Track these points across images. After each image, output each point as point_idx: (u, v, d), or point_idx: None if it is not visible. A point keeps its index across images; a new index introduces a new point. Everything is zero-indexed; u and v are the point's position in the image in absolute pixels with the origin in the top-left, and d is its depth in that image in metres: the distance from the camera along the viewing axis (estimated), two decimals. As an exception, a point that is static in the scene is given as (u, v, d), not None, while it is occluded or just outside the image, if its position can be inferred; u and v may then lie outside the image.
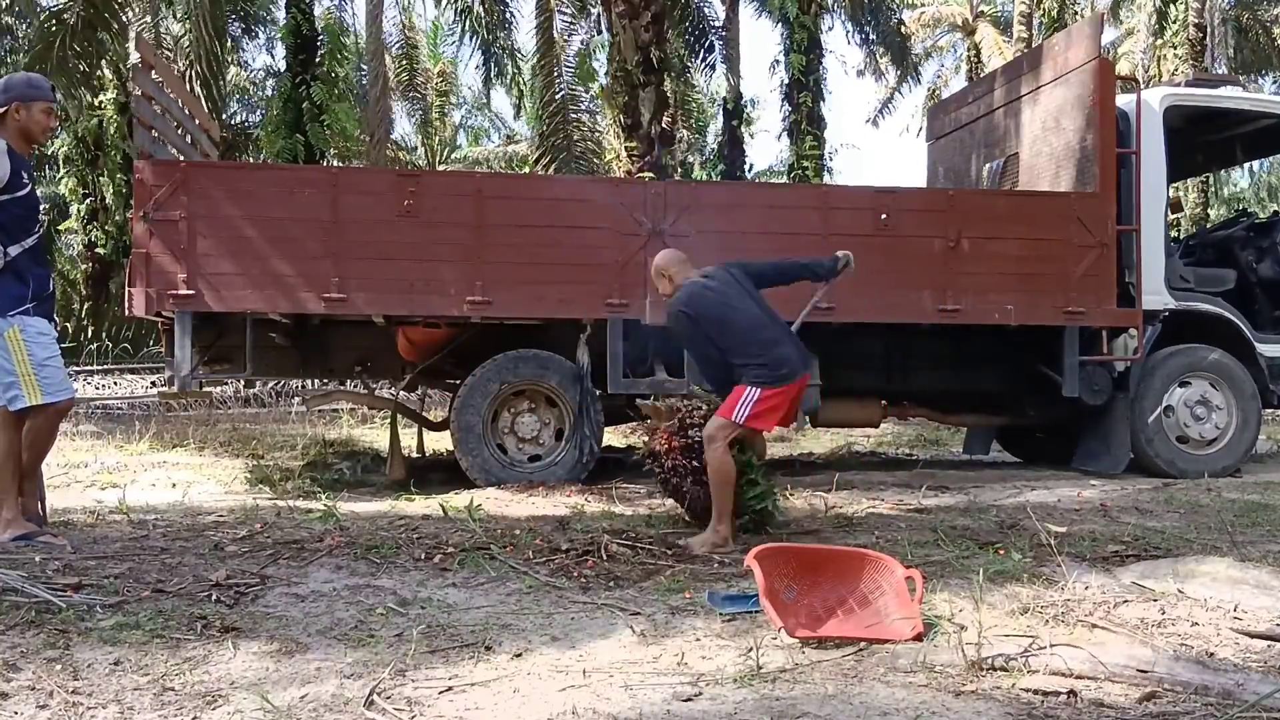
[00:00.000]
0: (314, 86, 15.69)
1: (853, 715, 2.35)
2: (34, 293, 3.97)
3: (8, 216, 3.93)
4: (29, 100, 3.98)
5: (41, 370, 3.89)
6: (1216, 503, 5.59)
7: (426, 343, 6.53)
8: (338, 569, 3.76)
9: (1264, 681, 2.59)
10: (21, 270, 3.96)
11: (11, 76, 4.14)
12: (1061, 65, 7.14)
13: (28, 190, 3.99)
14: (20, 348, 3.87)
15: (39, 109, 4.01)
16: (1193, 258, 7.86)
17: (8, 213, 3.93)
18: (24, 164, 4.00)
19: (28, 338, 3.90)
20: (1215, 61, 22.18)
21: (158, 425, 9.27)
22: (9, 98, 3.96)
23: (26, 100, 3.97)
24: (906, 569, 3.22)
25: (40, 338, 3.94)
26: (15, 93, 3.97)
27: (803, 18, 15.55)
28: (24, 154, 4.04)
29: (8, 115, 3.96)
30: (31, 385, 3.88)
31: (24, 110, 3.97)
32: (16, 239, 3.94)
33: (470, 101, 31.25)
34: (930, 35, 29.86)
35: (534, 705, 2.42)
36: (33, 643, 2.81)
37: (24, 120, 3.98)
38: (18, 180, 3.93)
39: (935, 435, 9.97)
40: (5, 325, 3.90)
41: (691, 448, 4.51)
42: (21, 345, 3.88)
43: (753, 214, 6.51)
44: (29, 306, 3.95)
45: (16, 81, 4.04)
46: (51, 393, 3.93)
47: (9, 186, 3.90)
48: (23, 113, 3.97)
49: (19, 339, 3.88)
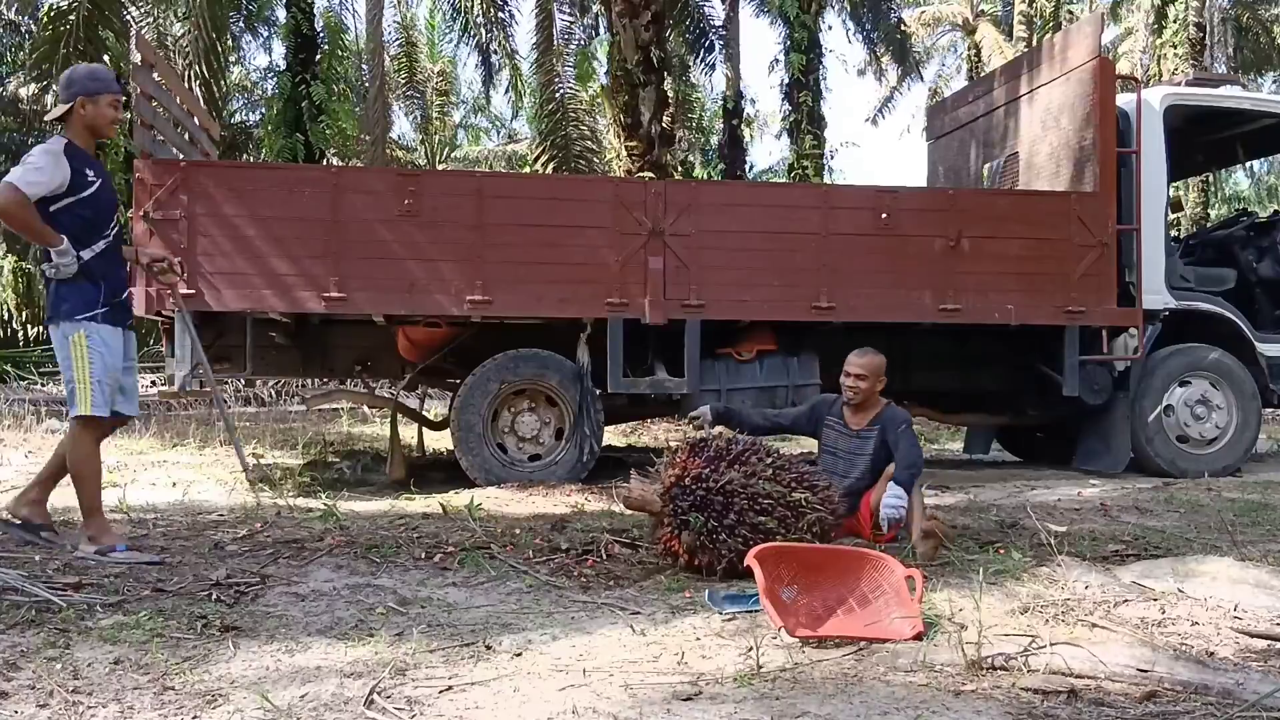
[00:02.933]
0: (314, 86, 15.70)
1: (853, 715, 2.35)
2: (105, 298, 3.80)
3: (74, 220, 3.75)
4: (94, 94, 3.80)
5: (96, 383, 3.75)
6: (1216, 502, 5.59)
7: (427, 342, 6.52)
8: (338, 568, 3.76)
9: (1264, 681, 2.59)
10: (94, 274, 3.78)
11: (74, 70, 3.94)
12: (1062, 64, 7.14)
13: (94, 189, 3.80)
14: (83, 355, 3.73)
15: (105, 101, 3.82)
16: (1193, 257, 7.86)
17: (74, 215, 3.75)
18: (89, 162, 3.83)
19: (91, 345, 3.74)
20: (1215, 61, 22.19)
21: (158, 424, 9.27)
22: (73, 93, 3.79)
23: (92, 94, 3.79)
24: (906, 568, 3.22)
25: (103, 348, 3.78)
26: (79, 87, 3.80)
27: (803, 17, 15.56)
28: (88, 149, 3.86)
29: (73, 111, 3.79)
30: (85, 395, 3.74)
31: (90, 104, 3.80)
32: (87, 242, 3.77)
33: (470, 101, 31.26)
34: (931, 34, 29.85)
35: (534, 704, 2.42)
36: (33, 642, 2.81)
37: (90, 114, 3.81)
38: (82, 180, 3.75)
39: (935, 435, 9.97)
40: (71, 329, 3.76)
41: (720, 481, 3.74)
42: (85, 353, 3.72)
43: (753, 213, 6.51)
44: (99, 312, 3.79)
45: (79, 75, 3.86)
46: (96, 406, 3.76)
47: (72, 188, 3.72)
48: (89, 107, 3.80)
49: (83, 345, 3.73)
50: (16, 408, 9.64)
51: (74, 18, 12.60)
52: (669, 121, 13.72)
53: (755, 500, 3.66)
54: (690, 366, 6.37)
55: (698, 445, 3.93)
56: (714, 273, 6.34)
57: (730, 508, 3.65)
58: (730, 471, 3.73)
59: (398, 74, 24.56)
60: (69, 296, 3.76)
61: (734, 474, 3.72)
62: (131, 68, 6.21)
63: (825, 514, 3.77)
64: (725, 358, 6.60)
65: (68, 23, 12.64)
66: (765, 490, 3.68)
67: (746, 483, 3.69)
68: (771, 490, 3.69)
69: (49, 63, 12.67)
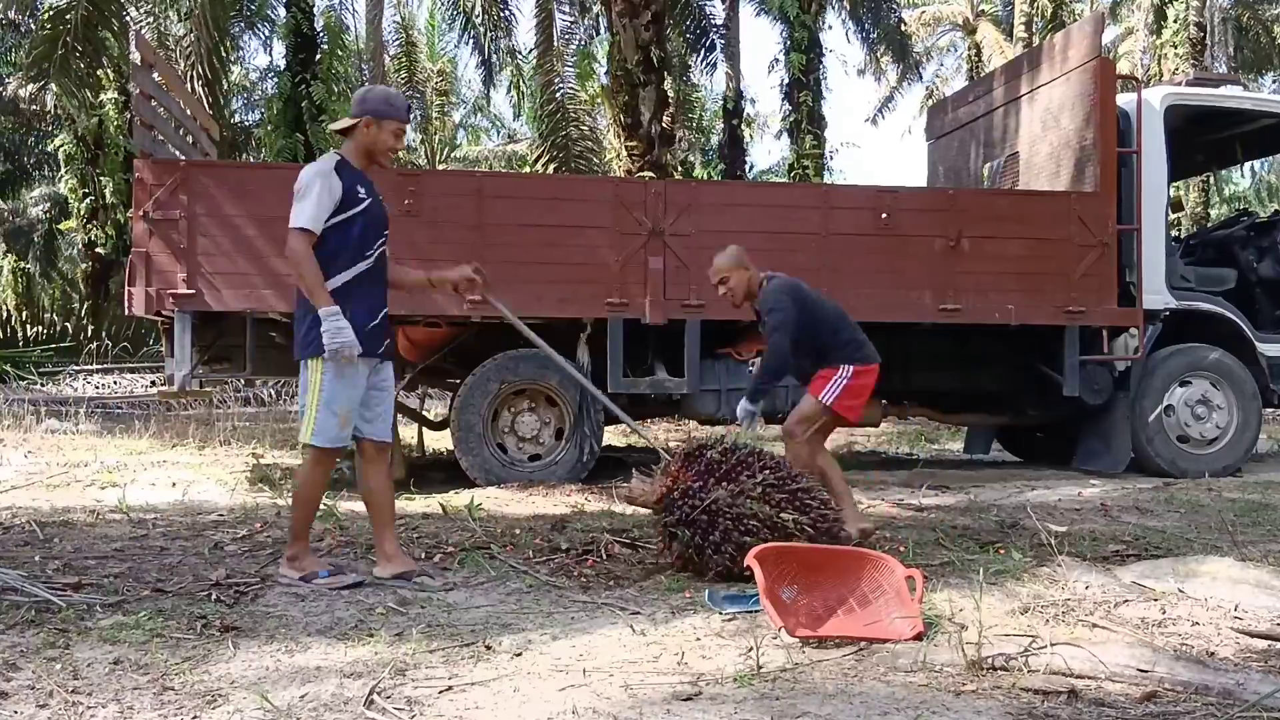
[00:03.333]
0: (314, 86, 15.69)
1: (853, 715, 2.35)
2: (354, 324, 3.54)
3: (340, 238, 3.58)
4: (382, 117, 3.64)
5: (326, 410, 3.56)
6: (1217, 502, 5.59)
7: (427, 342, 6.52)
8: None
9: (1264, 681, 2.59)
10: (349, 299, 3.57)
11: (370, 90, 3.85)
12: (1062, 64, 7.13)
13: (364, 205, 3.63)
14: (316, 381, 3.56)
15: (390, 128, 3.66)
16: (1193, 257, 7.86)
17: (341, 234, 3.58)
18: (361, 179, 3.67)
19: (326, 373, 3.54)
20: (1215, 61, 22.19)
21: (158, 424, 9.27)
22: (362, 110, 3.65)
23: (380, 117, 3.64)
24: (906, 569, 3.22)
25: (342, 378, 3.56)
26: (369, 107, 3.66)
27: (803, 16, 15.55)
28: (364, 170, 3.71)
29: (357, 128, 3.66)
30: (309, 422, 3.58)
31: (374, 127, 3.63)
32: (348, 264, 3.59)
33: (470, 101, 31.25)
34: (930, 34, 29.85)
35: (534, 704, 2.42)
36: (32, 642, 2.81)
37: (371, 137, 3.65)
38: (352, 197, 3.60)
39: (935, 435, 9.97)
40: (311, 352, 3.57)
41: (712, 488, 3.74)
42: (318, 380, 3.55)
43: (753, 213, 6.51)
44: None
45: (375, 96, 3.74)
46: (319, 436, 3.58)
47: (341, 205, 3.57)
48: (372, 129, 3.63)
49: (318, 372, 3.55)
50: (16, 408, 9.63)
51: (73, 18, 12.58)
52: (669, 121, 13.71)
53: (740, 521, 3.60)
54: (690, 366, 6.37)
55: (692, 455, 3.85)
56: (714, 272, 6.33)
57: (715, 526, 3.62)
58: (718, 489, 3.67)
59: (398, 74, 24.57)
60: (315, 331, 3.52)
61: (721, 492, 3.65)
62: (131, 68, 6.21)
63: (816, 536, 3.68)
64: (725, 358, 6.60)
65: (67, 23, 12.62)
66: (752, 510, 3.62)
67: (733, 502, 3.63)
68: (758, 510, 3.62)
69: (48, 63, 12.65)
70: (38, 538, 4.22)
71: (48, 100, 19.98)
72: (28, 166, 25.98)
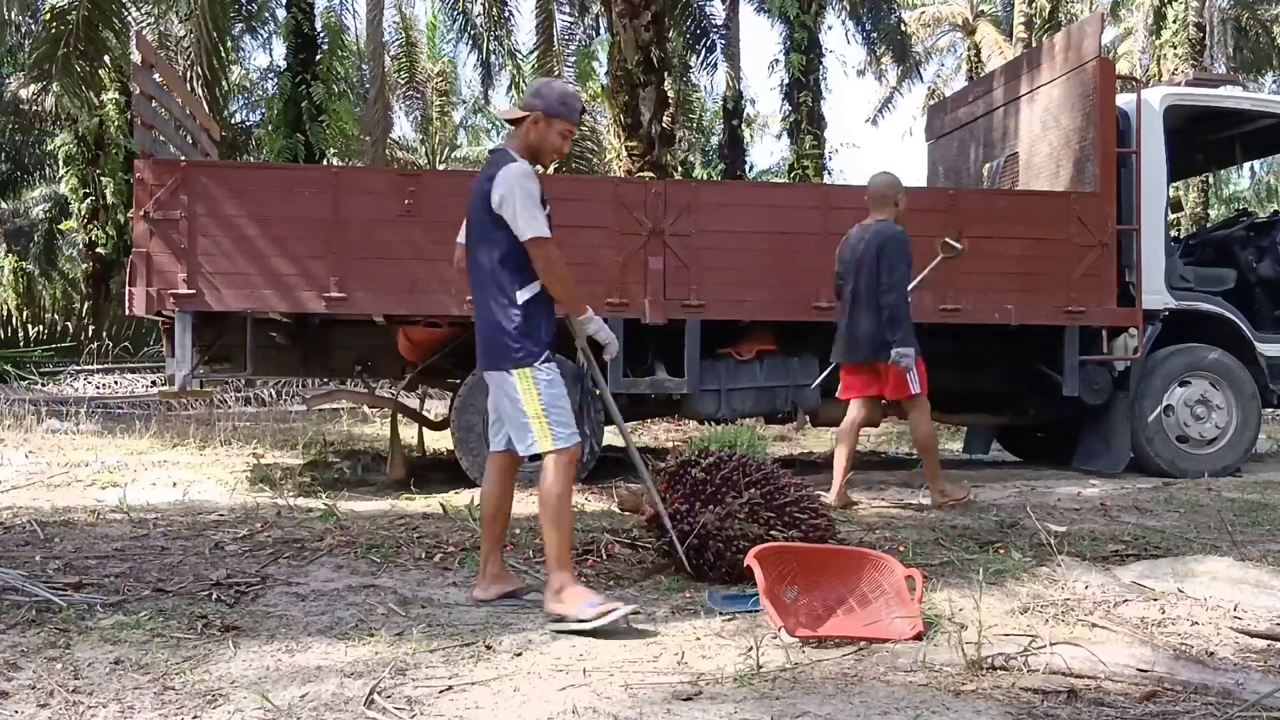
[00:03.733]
0: (314, 86, 15.70)
1: (853, 715, 2.35)
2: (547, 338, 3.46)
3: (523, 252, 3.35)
4: (554, 116, 3.44)
5: (553, 412, 3.38)
6: (1216, 502, 5.58)
7: (427, 342, 6.52)
8: (338, 568, 3.76)
9: (1264, 681, 2.59)
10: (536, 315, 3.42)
11: (548, 84, 3.59)
12: (1061, 64, 7.13)
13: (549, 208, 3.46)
14: (532, 390, 3.36)
15: (559, 129, 3.47)
16: (1193, 257, 7.86)
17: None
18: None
19: (539, 380, 3.38)
20: (1215, 61, 22.18)
21: (158, 424, 9.27)
22: (537, 104, 3.44)
23: (552, 115, 3.44)
24: (906, 568, 3.22)
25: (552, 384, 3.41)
26: (544, 103, 3.44)
27: (803, 17, 15.55)
28: None
29: (525, 122, 3.45)
30: (542, 429, 3.36)
31: (544, 124, 3.43)
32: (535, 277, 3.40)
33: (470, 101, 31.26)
34: (930, 35, 29.85)
35: (534, 704, 2.42)
36: (33, 642, 2.81)
37: (540, 134, 3.44)
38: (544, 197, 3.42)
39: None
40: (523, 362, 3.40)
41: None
42: (534, 389, 3.36)
43: (753, 213, 6.51)
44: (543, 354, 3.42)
45: (550, 93, 3.50)
46: (559, 438, 3.37)
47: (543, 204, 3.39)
48: (541, 125, 3.43)
49: (530, 379, 3.37)
50: (16, 408, 9.63)
51: (74, 17, 12.59)
52: (669, 121, 13.72)
53: (730, 543, 3.60)
54: (690, 366, 6.37)
55: (678, 474, 3.82)
56: (714, 273, 6.34)
57: (706, 549, 3.64)
58: (705, 513, 3.65)
59: (398, 74, 24.60)
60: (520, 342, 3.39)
61: (709, 516, 3.64)
62: (131, 68, 6.21)
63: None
64: (725, 358, 6.60)
65: (68, 23, 12.63)
66: (740, 531, 3.61)
67: (721, 525, 3.62)
68: (747, 530, 3.61)
69: (50, 63, 12.66)
70: (38, 537, 4.22)
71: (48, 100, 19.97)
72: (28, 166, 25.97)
